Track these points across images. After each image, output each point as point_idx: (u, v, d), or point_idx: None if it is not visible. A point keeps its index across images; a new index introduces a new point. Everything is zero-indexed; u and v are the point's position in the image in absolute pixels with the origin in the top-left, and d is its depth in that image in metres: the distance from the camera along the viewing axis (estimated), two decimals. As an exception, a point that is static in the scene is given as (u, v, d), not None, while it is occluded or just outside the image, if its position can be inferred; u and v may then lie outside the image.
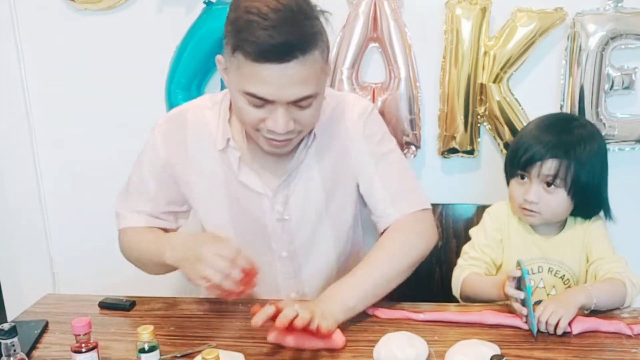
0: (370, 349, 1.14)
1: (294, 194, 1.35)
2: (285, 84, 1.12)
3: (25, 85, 1.99)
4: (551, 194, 1.36)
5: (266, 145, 1.25)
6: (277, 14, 1.09)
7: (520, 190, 1.39)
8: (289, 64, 1.10)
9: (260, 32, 1.09)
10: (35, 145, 2.04)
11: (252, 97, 1.15)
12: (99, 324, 1.26)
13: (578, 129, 1.38)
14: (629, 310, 1.27)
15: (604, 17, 1.68)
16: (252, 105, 1.17)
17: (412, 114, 1.80)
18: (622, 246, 1.44)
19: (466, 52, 1.74)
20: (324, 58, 1.18)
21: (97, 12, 1.89)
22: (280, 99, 1.14)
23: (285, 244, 1.38)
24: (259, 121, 1.19)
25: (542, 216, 1.39)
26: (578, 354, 1.12)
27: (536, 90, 1.79)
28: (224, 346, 1.16)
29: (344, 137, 1.36)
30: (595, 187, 1.38)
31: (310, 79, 1.15)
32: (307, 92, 1.15)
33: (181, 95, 1.85)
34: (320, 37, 1.15)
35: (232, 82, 1.20)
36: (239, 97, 1.18)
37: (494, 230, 1.46)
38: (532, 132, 1.39)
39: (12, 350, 0.96)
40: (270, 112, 1.17)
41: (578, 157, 1.34)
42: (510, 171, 1.42)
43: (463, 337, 1.17)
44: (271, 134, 1.20)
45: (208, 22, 1.80)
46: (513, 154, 1.40)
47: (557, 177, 1.34)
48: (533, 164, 1.35)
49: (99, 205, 2.04)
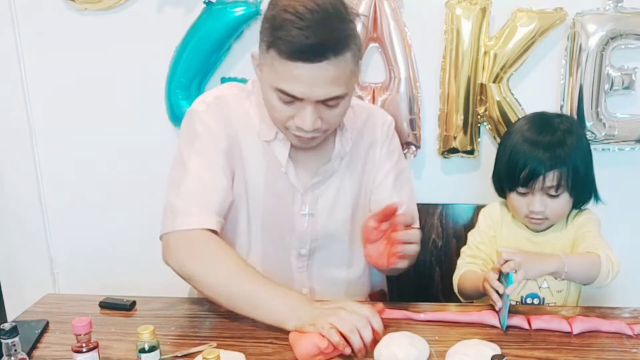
0: (371, 348, 1.14)
1: (323, 195, 1.39)
2: (316, 83, 1.16)
3: (25, 85, 1.98)
4: (555, 200, 1.38)
5: (294, 140, 1.29)
6: (313, 14, 1.12)
7: (524, 202, 1.40)
8: (321, 64, 1.14)
9: (295, 32, 1.12)
10: (35, 145, 2.04)
11: (283, 94, 1.19)
12: (100, 324, 1.26)
13: (561, 124, 1.40)
14: (629, 310, 1.28)
15: (604, 17, 1.68)
16: (282, 102, 1.21)
17: (412, 114, 1.80)
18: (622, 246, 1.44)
19: (466, 52, 1.74)
20: (355, 60, 1.21)
21: (97, 12, 1.89)
22: (309, 97, 1.18)
23: (307, 242, 1.41)
24: (288, 118, 1.23)
25: (549, 221, 1.42)
26: (578, 354, 1.12)
27: (536, 90, 1.79)
28: (224, 346, 1.16)
29: (374, 148, 1.43)
30: (589, 173, 1.42)
31: (341, 80, 1.18)
32: (336, 93, 1.19)
33: (181, 95, 1.85)
34: (353, 40, 1.19)
35: (264, 78, 1.23)
36: (271, 93, 1.22)
37: (487, 227, 1.50)
38: (522, 144, 1.39)
39: (13, 350, 0.96)
40: (298, 110, 1.21)
41: (573, 159, 1.36)
42: (509, 186, 1.42)
43: (463, 336, 1.17)
44: (299, 130, 1.24)
45: (208, 22, 1.80)
46: (509, 170, 1.40)
47: (560, 185, 1.36)
48: (535, 179, 1.36)
49: (99, 205, 2.04)
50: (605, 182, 1.47)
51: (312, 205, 1.38)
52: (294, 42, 1.12)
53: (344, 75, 1.19)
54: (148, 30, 1.88)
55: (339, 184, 1.40)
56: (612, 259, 1.30)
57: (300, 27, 1.12)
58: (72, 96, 1.97)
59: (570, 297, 1.44)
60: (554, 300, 1.43)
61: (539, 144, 1.37)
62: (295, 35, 1.12)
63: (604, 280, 1.29)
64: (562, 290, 1.43)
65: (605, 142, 1.76)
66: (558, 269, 1.24)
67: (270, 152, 1.35)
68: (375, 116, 1.46)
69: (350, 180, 1.41)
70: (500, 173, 1.45)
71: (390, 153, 1.45)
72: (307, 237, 1.40)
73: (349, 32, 1.18)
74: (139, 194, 1.97)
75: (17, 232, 2.11)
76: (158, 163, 1.61)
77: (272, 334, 1.21)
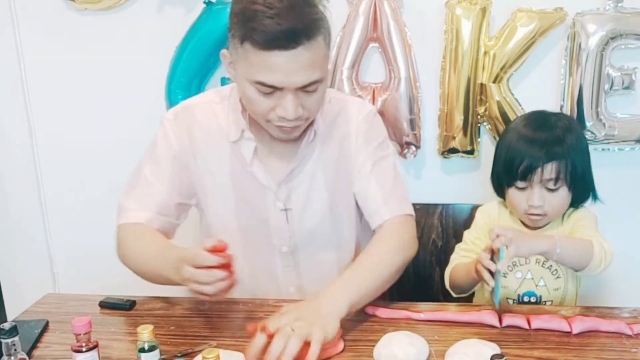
0: (370, 348, 1.14)
1: (297, 188, 1.38)
2: (294, 70, 1.17)
3: (25, 85, 1.99)
4: (554, 194, 1.38)
5: (277, 132, 1.28)
6: (281, 2, 1.14)
7: (523, 197, 1.40)
8: (296, 50, 1.15)
9: (267, 21, 1.13)
10: (35, 145, 2.04)
11: (262, 86, 1.19)
12: (100, 324, 1.26)
13: (558, 121, 1.40)
14: (629, 310, 1.27)
15: (604, 17, 1.68)
16: (262, 94, 1.21)
17: (412, 114, 1.81)
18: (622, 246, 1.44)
19: (466, 52, 1.74)
20: (327, 44, 1.23)
21: (97, 12, 1.89)
22: (288, 85, 1.18)
23: (286, 239, 1.40)
24: (269, 110, 1.23)
25: (548, 217, 1.41)
26: (578, 354, 1.12)
27: (536, 90, 1.79)
28: (224, 346, 1.16)
29: (348, 139, 1.40)
30: (588, 170, 1.42)
31: (316, 64, 1.19)
32: (314, 77, 1.19)
33: (181, 95, 1.85)
34: (322, 24, 1.20)
35: (240, 73, 1.23)
36: (248, 87, 1.21)
37: (484, 224, 1.50)
38: (519, 139, 1.39)
39: (12, 349, 0.96)
40: (279, 100, 1.21)
41: (572, 152, 1.36)
42: (507, 181, 1.42)
43: (463, 336, 1.17)
44: (281, 120, 1.23)
45: (208, 22, 1.80)
46: (507, 165, 1.40)
47: (559, 178, 1.36)
48: (533, 172, 1.36)
49: (99, 205, 2.04)
50: (605, 182, 1.47)
51: (287, 200, 1.38)
52: (267, 32, 1.13)
53: (319, 59, 1.20)
54: (148, 30, 1.89)
55: (312, 176, 1.38)
56: (605, 248, 1.29)
57: (270, 15, 1.13)
58: (72, 96, 1.98)
59: (568, 295, 1.44)
60: (551, 299, 1.43)
61: (536, 139, 1.37)
62: (267, 24, 1.13)
63: (597, 267, 1.29)
64: (559, 288, 1.43)
65: (605, 142, 1.76)
66: (549, 249, 1.25)
67: (237, 152, 1.36)
68: (349, 108, 1.42)
69: (323, 174, 1.39)
70: (499, 170, 1.44)
71: (368, 141, 1.40)
72: (285, 233, 1.40)
73: (318, 16, 1.19)
74: (139, 194, 1.97)
75: (17, 232, 2.11)
76: (158, 163, 1.61)
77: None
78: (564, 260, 1.28)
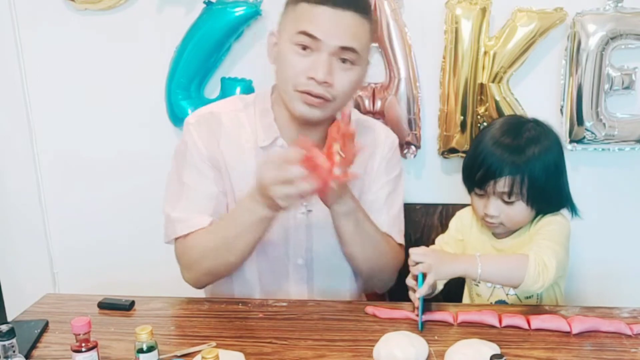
0: (370, 348, 1.14)
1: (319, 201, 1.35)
2: (336, 28, 1.24)
3: (25, 85, 1.98)
4: (510, 206, 1.36)
5: (300, 106, 1.29)
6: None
7: (480, 203, 1.40)
8: (343, 12, 1.23)
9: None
10: (35, 145, 2.04)
11: (304, 36, 1.24)
12: (99, 324, 1.26)
13: (528, 131, 1.37)
14: (628, 310, 1.27)
15: (604, 17, 1.68)
16: (298, 55, 1.25)
17: (412, 114, 1.80)
18: (621, 246, 1.44)
19: (466, 52, 1.74)
20: (370, 35, 1.31)
21: (97, 12, 1.89)
22: (328, 39, 1.24)
23: (302, 250, 1.41)
24: (301, 72, 1.25)
25: (505, 227, 1.40)
26: (578, 354, 1.12)
27: (536, 90, 1.79)
28: (223, 346, 1.16)
29: (372, 160, 1.45)
30: (554, 187, 1.37)
31: (357, 37, 1.26)
32: (352, 44, 1.25)
33: (181, 95, 1.85)
34: (371, 15, 1.30)
35: (284, 40, 1.28)
36: (289, 49, 1.26)
37: (456, 230, 1.52)
38: (485, 146, 1.37)
39: (10, 351, 0.96)
40: (313, 63, 1.25)
41: (530, 168, 1.33)
42: (468, 186, 1.43)
43: (463, 336, 1.17)
44: (309, 84, 1.25)
45: (208, 22, 1.80)
46: (468, 170, 1.40)
47: (512, 192, 1.34)
48: (487, 182, 1.35)
49: (99, 205, 2.04)
50: (605, 182, 1.47)
51: (307, 210, 1.38)
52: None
53: (362, 36, 1.27)
54: (148, 30, 1.88)
55: None
56: (546, 262, 1.23)
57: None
58: (72, 96, 1.97)
59: (545, 302, 1.41)
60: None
61: (498, 145, 1.35)
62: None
63: (532, 284, 1.23)
64: (532, 297, 1.41)
65: (605, 142, 1.75)
66: (468, 270, 1.25)
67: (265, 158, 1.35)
68: (378, 131, 1.49)
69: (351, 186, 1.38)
70: (464, 171, 1.44)
71: (389, 170, 1.46)
72: (303, 244, 1.40)
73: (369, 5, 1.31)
74: (139, 194, 1.97)
75: (17, 232, 2.11)
76: (158, 163, 1.61)
77: (272, 333, 1.21)
78: (488, 279, 1.28)
